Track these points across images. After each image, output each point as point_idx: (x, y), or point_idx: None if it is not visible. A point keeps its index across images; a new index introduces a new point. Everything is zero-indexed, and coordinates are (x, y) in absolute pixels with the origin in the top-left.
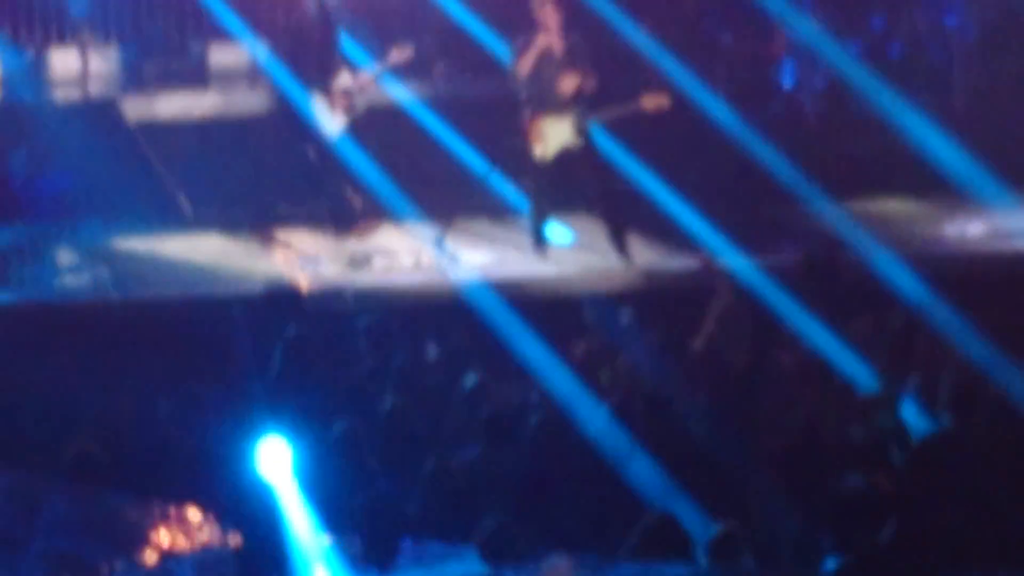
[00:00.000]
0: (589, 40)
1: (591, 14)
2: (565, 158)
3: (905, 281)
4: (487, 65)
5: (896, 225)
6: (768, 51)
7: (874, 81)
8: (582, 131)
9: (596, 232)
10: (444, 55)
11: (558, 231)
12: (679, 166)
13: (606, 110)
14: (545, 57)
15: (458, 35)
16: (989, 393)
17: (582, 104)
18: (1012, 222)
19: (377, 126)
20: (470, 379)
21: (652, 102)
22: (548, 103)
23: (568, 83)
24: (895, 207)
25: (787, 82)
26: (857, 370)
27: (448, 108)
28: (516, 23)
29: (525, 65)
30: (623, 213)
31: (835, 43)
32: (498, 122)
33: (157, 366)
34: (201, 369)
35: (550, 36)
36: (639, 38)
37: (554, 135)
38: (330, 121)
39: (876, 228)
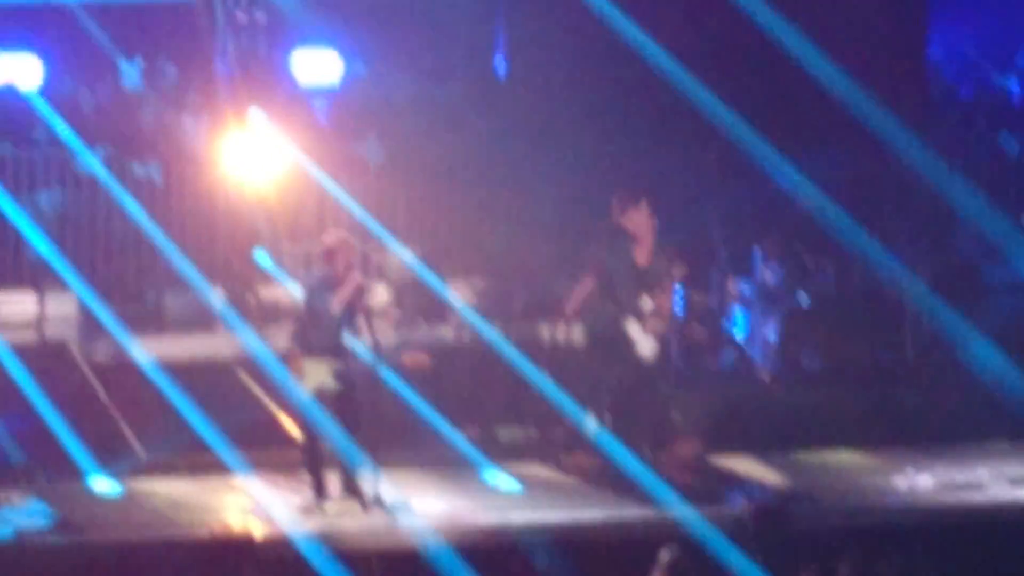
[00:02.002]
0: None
1: None
2: (322, 399)
3: (854, 532)
4: None
5: (845, 476)
6: (718, 302)
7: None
8: (339, 376)
9: (544, 482)
10: None
11: (506, 481)
12: (633, 415)
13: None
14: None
15: None
16: None
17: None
18: (961, 474)
19: None
20: None
21: (412, 360)
22: (320, 342)
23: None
24: (844, 458)
25: (739, 333)
26: None
27: None
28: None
29: (340, 301)
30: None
31: (787, 294)
32: None
33: None
34: None
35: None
36: None
37: (313, 375)
38: (646, 346)
39: (825, 479)
